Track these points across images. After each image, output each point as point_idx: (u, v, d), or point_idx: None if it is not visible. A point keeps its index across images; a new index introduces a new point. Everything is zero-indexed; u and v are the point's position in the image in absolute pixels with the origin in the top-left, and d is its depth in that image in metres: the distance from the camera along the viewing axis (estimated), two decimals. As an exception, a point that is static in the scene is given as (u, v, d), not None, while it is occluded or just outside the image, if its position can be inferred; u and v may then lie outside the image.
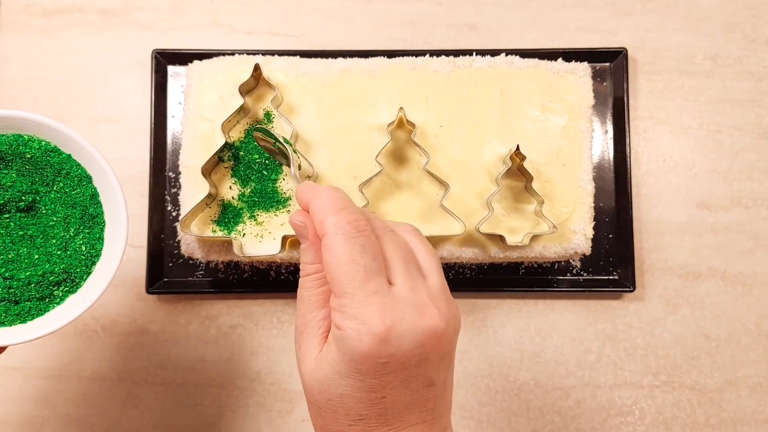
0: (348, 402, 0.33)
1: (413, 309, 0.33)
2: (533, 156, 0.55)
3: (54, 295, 0.41)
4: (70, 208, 0.42)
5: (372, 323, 0.31)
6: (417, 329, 0.32)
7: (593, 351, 0.59)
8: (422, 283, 0.35)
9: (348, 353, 0.32)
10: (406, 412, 0.33)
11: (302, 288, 0.36)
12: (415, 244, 0.37)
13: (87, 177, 0.42)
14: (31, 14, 0.62)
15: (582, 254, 0.56)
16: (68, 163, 0.42)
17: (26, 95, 0.61)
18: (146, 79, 0.61)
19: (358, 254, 0.33)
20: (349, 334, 0.32)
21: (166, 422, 0.58)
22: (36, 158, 0.41)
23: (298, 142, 0.55)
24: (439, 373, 0.34)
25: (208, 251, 0.55)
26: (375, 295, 0.32)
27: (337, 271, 0.33)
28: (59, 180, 0.42)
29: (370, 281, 0.32)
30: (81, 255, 0.42)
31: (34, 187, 0.42)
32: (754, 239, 0.60)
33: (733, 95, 0.61)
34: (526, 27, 0.62)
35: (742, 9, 0.62)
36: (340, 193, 0.36)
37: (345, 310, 0.32)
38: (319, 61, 0.57)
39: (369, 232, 0.34)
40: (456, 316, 0.35)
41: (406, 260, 0.35)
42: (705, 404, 0.59)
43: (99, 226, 0.42)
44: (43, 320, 0.41)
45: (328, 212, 0.34)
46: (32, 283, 0.41)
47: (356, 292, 0.32)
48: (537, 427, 0.58)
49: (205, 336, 0.59)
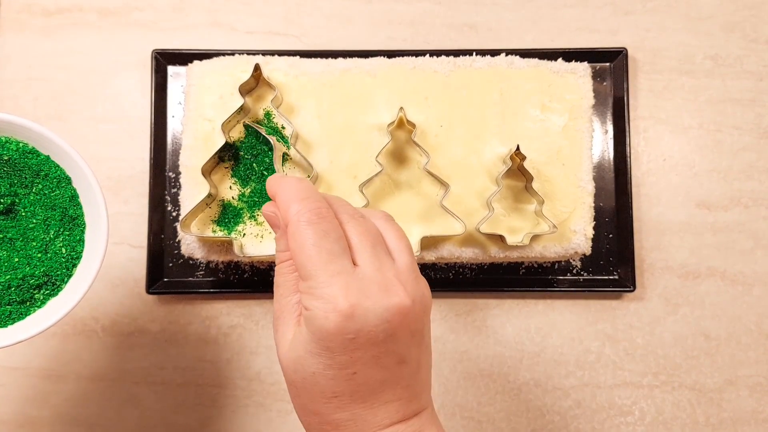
0: (321, 380, 0.34)
1: (378, 287, 0.34)
2: (533, 156, 0.55)
3: (35, 299, 0.41)
4: (49, 210, 0.41)
5: (336, 301, 0.33)
6: (382, 305, 0.34)
7: (593, 351, 0.59)
8: (389, 263, 0.36)
9: (316, 332, 0.33)
10: (380, 389, 0.35)
11: (277, 275, 0.37)
12: (384, 228, 0.38)
13: (66, 178, 0.42)
14: (31, 14, 0.62)
15: (582, 254, 0.56)
16: (47, 165, 0.41)
17: (26, 95, 0.61)
18: (146, 79, 0.61)
19: (320, 238, 0.34)
20: (316, 314, 0.33)
21: (165, 422, 0.58)
22: (14, 160, 0.41)
23: (298, 142, 0.55)
24: (410, 350, 0.35)
25: (209, 251, 0.55)
26: (338, 275, 0.33)
27: (302, 256, 0.34)
28: (38, 182, 0.41)
29: (333, 263, 0.34)
30: (61, 257, 0.41)
31: (13, 189, 0.41)
32: (754, 239, 0.60)
33: (733, 95, 0.61)
34: (526, 27, 0.62)
35: (742, 8, 0.62)
36: (303, 183, 0.37)
37: (311, 292, 0.34)
38: (319, 60, 0.57)
39: (331, 218, 0.36)
40: (424, 294, 0.36)
41: (374, 243, 0.36)
42: (705, 404, 0.59)
43: (79, 227, 0.42)
44: (24, 324, 0.40)
45: (291, 201, 0.36)
46: (12, 287, 0.40)
47: (320, 274, 0.33)
48: (537, 427, 0.59)
49: (205, 336, 0.59)
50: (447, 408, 0.59)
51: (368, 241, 0.36)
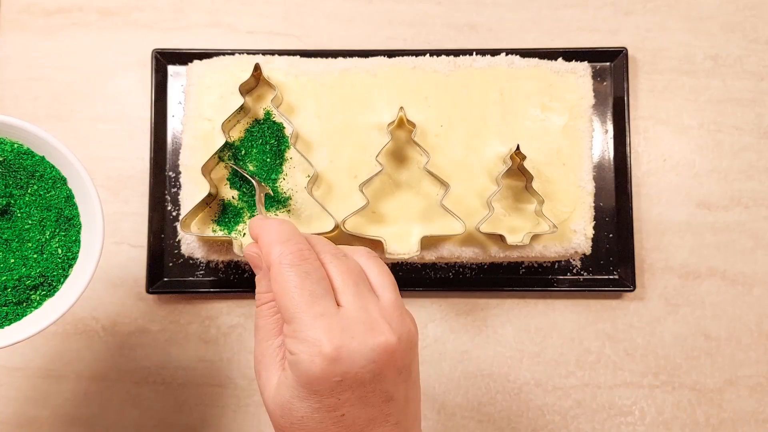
0: (309, 423, 0.34)
1: (363, 327, 0.34)
2: (533, 155, 0.55)
3: (31, 299, 0.41)
4: (45, 211, 0.41)
5: (321, 344, 0.32)
6: (367, 346, 0.33)
7: (593, 351, 0.59)
8: (373, 301, 0.36)
9: (302, 376, 0.33)
10: (368, 428, 0.34)
11: (258, 317, 0.37)
12: (367, 266, 0.38)
13: (61, 179, 0.41)
14: (32, 14, 0.62)
15: (582, 254, 0.56)
16: (42, 165, 0.41)
17: (26, 95, 0.61)
18: (146, 78, 0.61)
19: (302, 280, 0.34)
20: (301, 358, 0.33)
21: (166, 422, 0.58)
22: (8, 161, 0.41)
23: (299, 142, 0.55)
24: (397, 387, 0.35)
25: (209, 251, 0.55)
26: (322, 317, 0.33)
27: (284, 298, 0.34)
28: (33, 182, 0.41)
29: (316, 304, 0.34)
30: (57, 258, 0.41)
31: (8, 190, 0.41)
32: (755, 239, 0.60)
33: (733, 95, 0.61)
34: (526, 27, 0.62)
35: (742, 9, 0.62)
36: (285, 226, 0.37)
37: (295, 335, 0.33)
38: (319, 60, 0.57)
39: (313, 259, 0.36)
40: (410, 330, 0.36)
41: (356, 282, 0.36)
42: (705, 404, 0.59)
43: (75, 228, 0.42)
44: (21, 325, 0.40)
45: (273, 244, 0.36)
46: (8, 288, 0.40)
47: (303, 316, 0.33)
48: (537, 427, 0.58)
49: (206, 336, 0.59)
50: (447, 408, 0.59)
51: (351, 279, 0.36)
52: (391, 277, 0.38)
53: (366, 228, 0.54)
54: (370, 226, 0.55)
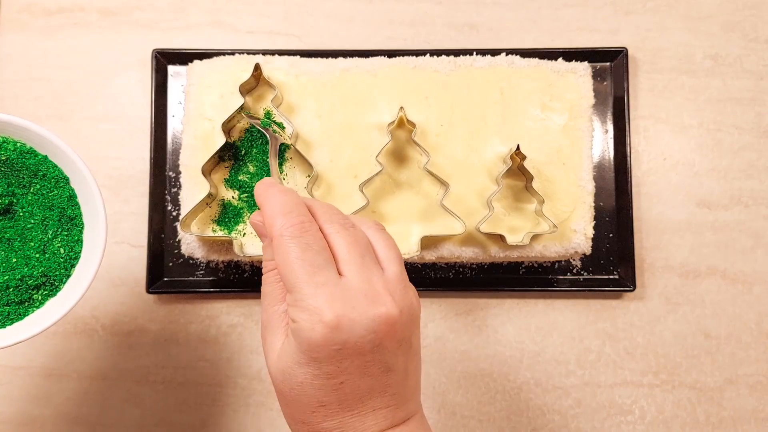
0: (308, 390, 0.34)
1: (364, 297, 0.34)
2: (534, 155, 0.55)
3: (33, 299, 0.41)
4: (47, 210, 0.41)
5: (322, 313, 0.33)
6: (368, 316, 0.34)
7: (593, 350, 0.59)
8: (378, 273, 0.36)
9: (303, 343, 0.34)
10: (366, 397, 0.35)
11: (264, 284, 0.38)
12: (374, 238, 0.38)
13: (64, 178, 0.41)
14: (32, 14, 0.62)
15: (582, 253, 0.56)
16: (45, 165, 0.41)
17: (27, 95, 0.61)
18: (147, 78, 0.61)
19: (303, 251, 0.35)
20: (302, 326, 0.34)
21: (166, 421, 0.58)
22: (11, 160, 0.41)
23: (299, 142, 0.55)
24: (397, 358, 0.36)
25: (209, 251, 0.55)
26: (323, 287, 0.34)
27: (286, 269, 0.35)
28: (36, 182, 0.41)
29: (317, 275, 0.34)
30: (60, 257, 0.41)
31: (11, 189, 0.41)
32: (755, 238, 0.60)
33: (733, 94, 0.61)
34: (526, 27, 0.62)
35: (741, 8, 0.62)
36: (288, 196, 0.37)
37: (297, 304, 0.34)
38: (319, 60, 0.57)
39: (314, 231, 0.36)
40: (412, 303, 0.37)
41: (362, 253, 0.36)
42: (705, 403, 0.59)
43: (77, 227, 0.42)
44: (23, 324, 0.40)
45: (275, 216, 0.36)
46: (11, 287, 0.40)
47: (304, 286, 0.34)
48: (537, 426, 0.59)
49: (206, 335, 0.59)
50: (447, 407, 0.59)
51: (357, 251, 0.36)
52: (397, 251, 0.38)
53: (366, 228, 0.54)
54: (370, 225, 0.55)
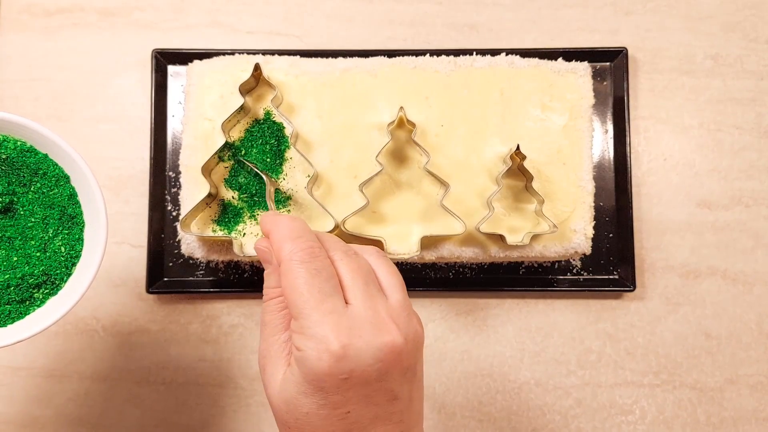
0: (314, 420, 0.34)
1: (370, 326, 0.34)
2: (533, 155, 0.55)
3: (34, 298, 0.41)
4: (48, 209, 0.41)
5: (328, 342, 0.33)
6: (374, 345, 0.34)
7: (594, 350, 0.59)
8: (382, 301, 0.36)
9: (309, 373, 0.33)
10: (371, 426, 0.35)
11: (265, 312, 0.38)
12: (377, 265, 0.38)
13: (65, 177, 0.41)
14: (32, 14, 0.62)
15: (582, 254, 0.56)
16: (45, 163, 0.41)
17: (27, 95, 0.61)
18: (146, 78, 0.61)
19: (312, 277, 0.35)
20: (308, 354, 0.33)
21: (167, 422, 0.58)
22: (12, 158, 0.40)
23: (299, 142, 0.55)
24: (402, 387, 0.36)
25: (209, 251, 0.55)
26: (330, 315, 0.34)
27: (293, 294, 0.34)
28: (36, 180, 0.41)
29: (325, 302, 0.34)
30: (60, 256, 0.41)
31: (11, 188, 0.41)
32: (755, 238, 0.60)
33: (733, 94, 0.61)
34: (526, 27, 0.62)
35: (742, 8, 0.62)
36: (297, 223, 0.38)
37: (303, 332, 0.34)
38: (319, 60, 0.57)
39: (323, 257, 0.36)
40: (417, 331, 0.37)
41: (366, 281, 0.36)
42: (706, 403, 0.59)
43: (78, 226, 0.42)
44: (24, 323, 0.40)
45: (284, 240, 0.36)
46: (11, 286, 0.40)
47: (312, 313, 0.34)
48: (537, 427, 0.59)
49: (206, 336, 0.59)
50: (447, 408, 0.59)
51: (360, 278, 0.36)
52: (399, 278, 0.38)
53: (366, 228, 0.54)
54: (370, 226, 0.55)
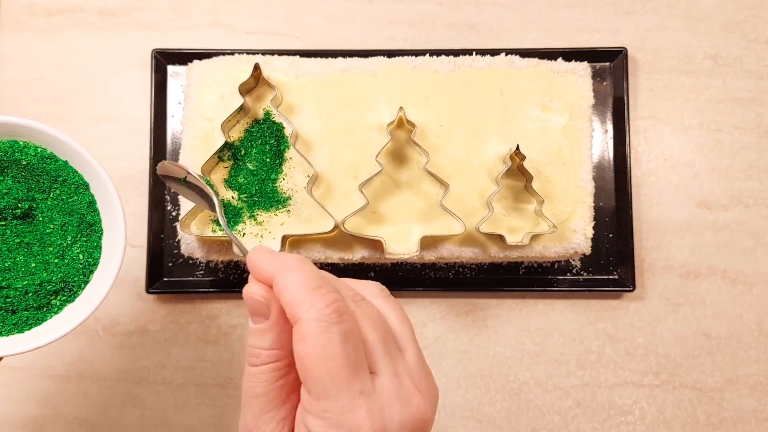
0: None
1: (398, 401, 0.29)
2: (533, 155, 0.55)
3: (52, 304, 0.41)
4: (67, 216, 0.41)
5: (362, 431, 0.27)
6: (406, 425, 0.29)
7: (593, 350, 0.59)
8: (402, 362, 0.31)
9: None
10: None
11: (255, 382, 0.30)
12: (386, 311, 0.32)
13: (84, 184, 0.41)
14: (32, 14, 0.62)
15: (582, 254, 0.56)
16: (65, 170, 0.41)
17: (27, 95, 0.61)
18: (146, 78, 0.61)
19: (340, 345, 0.28)
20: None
21: (167, 422, 0.58)
22: (32, 165, 0.40)
23: (298, 142, 0.55)
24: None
25: (208, 251, 0.55)
26: (361, 396, 0.28)
27: (318, 368, 0.28)
28: (56, 187, 0.41)
29: (356, 379, 0.28)
30: (78, 263, 0.41)
31: (31, 194, 0.41)
32: (755, 238, 0.60)
33: (733, 94, 0.61)
34: (526, 27, 0.62)
35: (742, 8, 0.62)
36: (310, 266, 0.30)
37: (327, 417, 0.28)
38: (319, 60, 0.57)
39: (350, 315, 0.29)
40: (435, 392, 0.32)
41: (384, 338, 0.30)
42: (705, 403, 0.59)
43: (96, 234, 0.42)
44: (41, 330, 0.40)
45: (302, 293, 0.29)
46: (29, 293, 0.40)
47: (342, 394, 0.28)
48: (537, 427, 0.58)
49: (206, 336, 0.59)
50: (447, 408, 0.59)
51: (379, 336, 0.30)
52: (410, 324, 0.33)
53: (366, 228, 0.54)
54: (369, 226, 0.55)
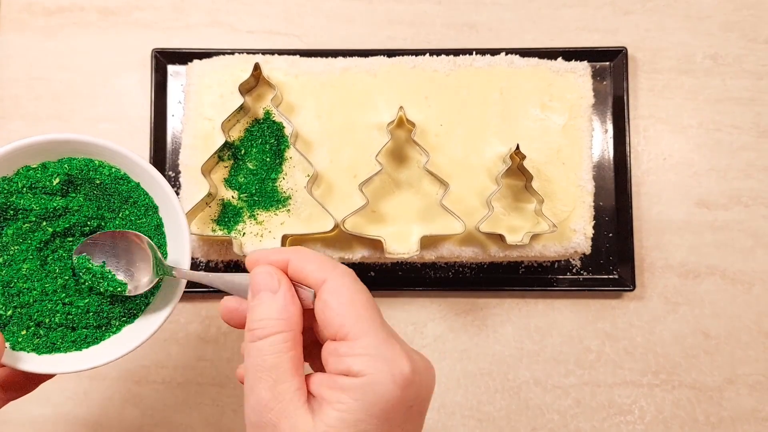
0: None
1: (415, 352, 0.31)
2: (533, 155, 0.55)
3: (111, 324, 0.40)
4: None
5: (401, 364, 0.29)
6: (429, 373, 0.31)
7: (593, 350, 0.59)
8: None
9: (378, 399, 0.29)
10: None
11: (262, 354, 0.31)
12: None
13: (154, 207, 0.41)
14: (32, 13, 0.62)
15: (582, 253, 0.56)
16: (136, 192, 0.41)
17: (28, 95, 0.61)
18: (146, 78, 0.61)
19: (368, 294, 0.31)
20: (377, 378, 0.29)
21: (166, 421, 0.58)
22: (105, 184, 0.40)
23: (298, 141, 0.55)
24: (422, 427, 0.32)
25: (208, 250, 0.55)
26: (393, 337, 0.30)
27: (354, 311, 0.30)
28: (126, 207, 0.41)
29: (384, 323, 0.31)
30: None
31: (101, 212, 0.40)
32: (754, 237, 0.60)
33: (732, 94, 0.61)
34: (526, 26, 0.62)
35: (741, 8, 0.62)
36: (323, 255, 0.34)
37: (368, 352, 0.29)
38: (319, 60, 0.57)
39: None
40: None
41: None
42: (704, 403, 0.59)
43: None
44: (98, 349, 0.40)
45: (323, 260, 0.32)
46: (91, 311, 0.40)
47: (379, 332, 0.30)
48: (537, 426, 0.59)
49: (206, 335, 0.59)
50: (447, 407, 0.59)
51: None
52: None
53: (366, 227, 0.55)
54: (370, 225, 0.55)
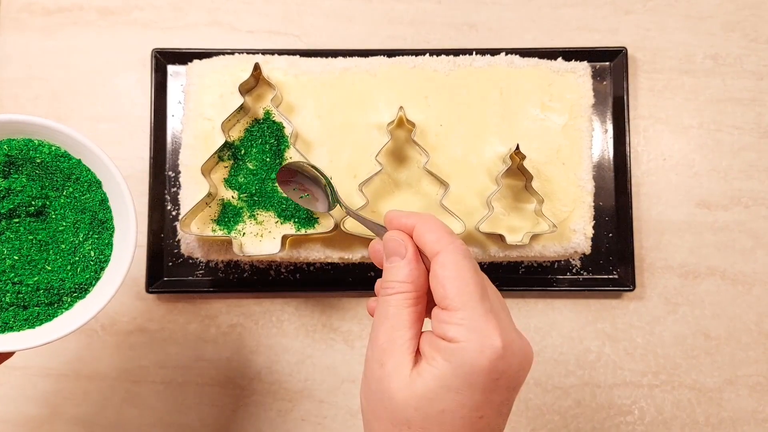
0: (447, 419, 0.33)
1: (516, 333, 0.34)
2: (533, 155, 0.55)
3: (62, 301, 0.41)
4: (79, 213, 0.42)
5: (493, 338, 0.32)
6: (524, 351, 0.34)
7: (593, 350, 0.59)
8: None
9: (464, 366, 0.32)
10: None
11: (387, 305, 0.36)
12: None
13: (97, 182, 0.42)
14: (32, 13, 0.62)
15: (582, 253, 0.56)
16: (78, 168, 0.41)
17: (27, 94, 0.61)
18: (146, 78, 0.61)
19: (473, 272, 0.34)
20: (468, 347, 0.32)
21: (165, 421, 0.58)
22: (46, 163, 0.41)
23: (298, 142, 0.55)
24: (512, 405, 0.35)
25: (208, 250, 0.55)
26: (491, 313, 0.33)
27: (457, 286, 0.34)
28: (69, 185, 0.42)
29: (485, 299, 0.34)
30: (90, 260, 0.41)
31: (44, 191, 0.41)
32: (754, 238, 0.60)
33: (733, 94, 0.61)
34: (526, 26, 0.62)
35: (742, 8, 0.62)
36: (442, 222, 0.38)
37: (463, 323, 0.33)
38: (319, 60, 0.57)
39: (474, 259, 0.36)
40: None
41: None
42: (705, 403, 0.59)
43: (108, 231, 0.42)
44: (52, 325, 0.41)
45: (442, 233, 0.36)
46: (41, 289, 0.40)
47: (477, 307, 0.33)
48: (536, 426, 0.58)
49: (205, 335, 0.59)
50: (447, 407, 0.59)
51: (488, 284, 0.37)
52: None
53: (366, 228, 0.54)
54: (369, 225, 0.55)
